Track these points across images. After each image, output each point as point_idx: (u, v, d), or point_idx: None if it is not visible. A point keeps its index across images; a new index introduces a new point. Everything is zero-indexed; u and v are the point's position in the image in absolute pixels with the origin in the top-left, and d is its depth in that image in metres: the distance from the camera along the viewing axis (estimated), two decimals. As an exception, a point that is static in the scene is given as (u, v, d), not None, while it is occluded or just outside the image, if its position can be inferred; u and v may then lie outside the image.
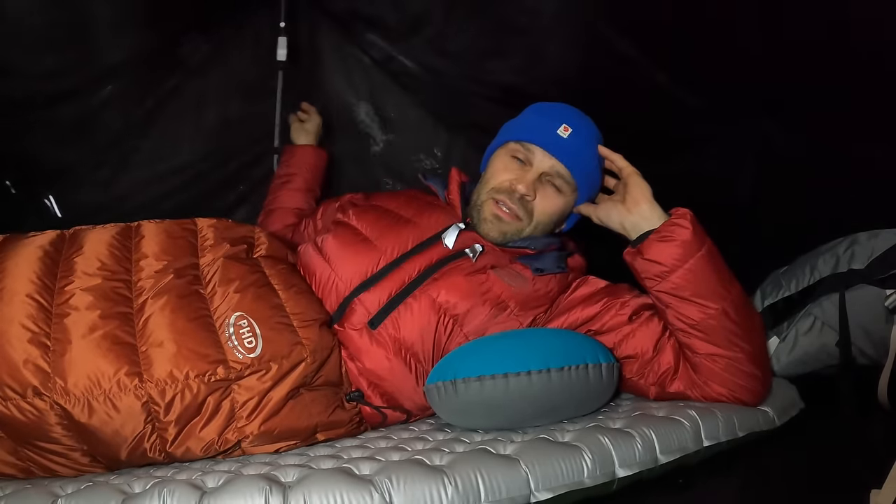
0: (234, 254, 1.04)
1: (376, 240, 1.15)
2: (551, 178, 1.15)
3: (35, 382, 0.83)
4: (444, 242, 1.14)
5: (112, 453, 0.88)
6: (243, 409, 0.91)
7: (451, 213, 1.22)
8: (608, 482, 0.84)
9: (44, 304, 0.89)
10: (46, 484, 0.80)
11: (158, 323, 0.91)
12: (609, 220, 1.11)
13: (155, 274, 0.97)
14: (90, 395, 0.84)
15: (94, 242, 0.99)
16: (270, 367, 0.93)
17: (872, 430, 1.13)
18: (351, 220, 1.21)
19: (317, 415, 0.97)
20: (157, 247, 1.01)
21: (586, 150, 1.16)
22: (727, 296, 1.01)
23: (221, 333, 0.93)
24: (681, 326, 1.03)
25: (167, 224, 1.07)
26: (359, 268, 1.12)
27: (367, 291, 1.10)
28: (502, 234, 1.16)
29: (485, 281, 1.10)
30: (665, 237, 1.01)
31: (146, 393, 0.86)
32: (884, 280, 1.22)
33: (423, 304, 1.07)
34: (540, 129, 1.17)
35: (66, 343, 0.85)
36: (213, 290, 0.98)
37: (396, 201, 1.26)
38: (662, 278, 1.02)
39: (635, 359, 1.09)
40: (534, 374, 0.92)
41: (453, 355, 1.02)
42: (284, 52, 1.71)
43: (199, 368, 0.88)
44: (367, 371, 1.06)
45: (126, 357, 0.87)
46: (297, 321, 0.99)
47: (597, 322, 1.12)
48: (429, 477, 0.74)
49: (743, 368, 1.02)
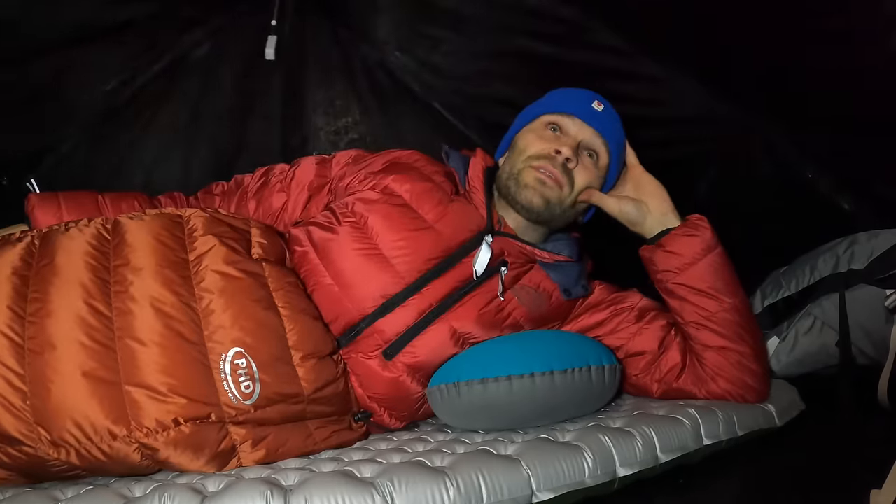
0: (232, 260, 0.93)
1: (394, 258, 1.03)
2: (589, 149, 1.12)
3: (17, 435, 0.77)
4: (475, 269, 1.05)
5: (113, 475, 0.85)
6: (244, 444, 0.85)
7: (473, 210, 1.10)
8: (609, 481, 0.84)
9: (16, 339, 0.80)
10: (46, 488, 0.79)
11: (145, 360, 0.82)
12: (631, 218, 1.11)
13: (137, 283, 0.86)
14: (78, 445, 0.79)
15: (67, 254, 0.87)
16: (267, 411, 0.86)
17: (872, 430, 1.13)
18: (360, 222, 1.07)
19: (322, 441, 0.92)
20: (140, 248, 0.90)
21: (618, 129, 1.16)
22: (738, 293, 1.06)
23: (216, 371, 0.84)
24: (695, 318, 1.05)
25: (149, 220, 0.94)
26: (374, 292, 1.03)
27: (383, 319, 1.02)
28: (545, 201, 1.08)
29: (506, 306, 1.07)
30: (689, 233, 1.06)
31: (136, 440, 0.79)
32: (884, 280, 1.22)
33: (442, 333, 1.03)
34: (575, 102, 1.14)
35: (45, 388, 0.78)
36: (209, 306, 0.87)
37: (413, 185, 1.10)
38: (681, 271, 1.05)
39: (642, 356, 1.10)
40: (537, 377, 0.92)
41: (456, 358, 1.01)
42: (272, 51, 1.64)
43: (189, 413, 0.81)
44: (378, 397, 1.03)
45: (111, 400, 0.79)
46: (298, 358, 0.90)
47: (604, 327, 1.13)
48: (430, 479, 0.74)
49: (749, 364, 1.04)
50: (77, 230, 0.92)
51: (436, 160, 1.19)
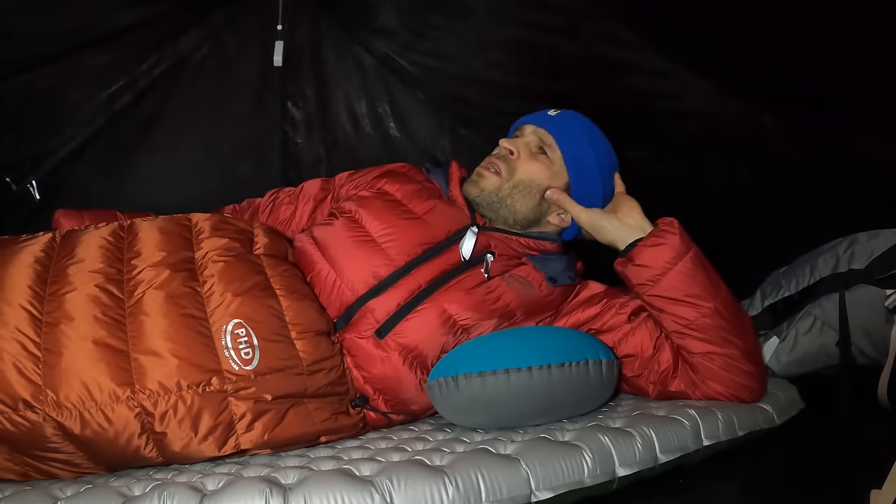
0: (233, 249, 1.01)
1: (385, 242, 1.11)
2: (542, 146, 1.18)
3: (26, 395, 0.81)
4: (462, 253, 1.12)
5: (110, 459, 0.87)
6: (242, 421, 0.88)
7: (458, 211, 1.19)
8: (608, 481, 0.84)
9: (34, 313, 0.86)
10: (46, 486, 0.79)
11: (151, 329, 0.88)
12: (601, 230, 1.12)
13: (148, 271, 0.94)
14: (82, 407, 0.82)
15: (86, 246, 0.97)
16: (267, 380, 0.90)
17: (872, 430, 1.13)
18: (356, 216, 1.16)
19: (320, 423, 0.95)
20: (151, 243, 0.98)
21: (579, 133, 1.19)
22: (717, 295, 1.03)
23: (217, 341, 0.90)
24: (675, 328, 1.04)
25: (160, 221, 1.04)
26: (366, 274, 1.09)
27: (376, 299, 1.07)
28: (479, 189, 1.17)
29: (494, 289, 1.10)
30: (654, 243, 1.05)
31: (138, 404, 0.83)
32: (884, 280, 1.22)
33: (433, 314, 1.07)
34: (532, 115, 1.24)
35: (57, 354, 0.83)
36: (211, 289, 0.95)
37: (403, 186, 1.21)
38: (654, 282, 1.04)
39: (636, 357, 1.10)
40: (535, 370, 0.92)
41: (455, 352, 1.02)
42: (280, 57, 1.66)
43: (192, 378, 0.86)
44: (373, 378, 1.05)
45: (117, 365, 0.84)
46: (296, 332, 0.95)
47: (597, 321, 1.13)
48: (429, 477, 0.74)
49: (739, 365, 1.03)
50: (95, 229, 1.02)
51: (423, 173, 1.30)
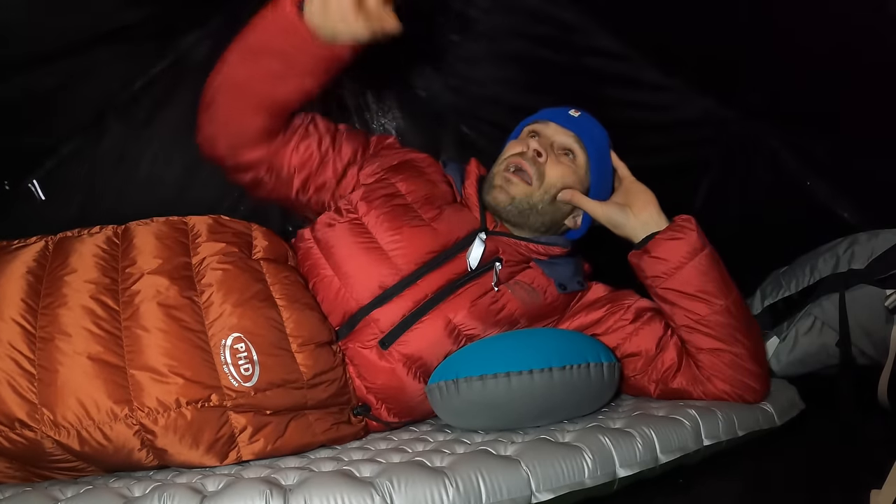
0: (231, 254, 0.98)
1: (392, 251, 1.07)
2: (565, 148, 1.16)
3: (21, 415, 0.79)
4: (469, 262, 1.08)
5: (111, 468, 0.86)
6: (243, 434, 0.87)
7: (468, 213, 1.15)
8: (609, 482, 0.84)
9: (28, 328, 0.84)
10: (46, 487, 0.79)
11: (148, 344, 0.86)
12: (616, 221, 1.12)
13: (144, 280, 0.91)
14: (80, 426, 0.80)
15: (79, 255, 0.93)
16: (267, 395, 0.88)
17: (872, 430, 1.13)
18: (362, 219, 1.10)
19: (321, 433, 0.94)
20: (146, 250, 0.95)
21: (598, 132, 1.19)
22: (729, 294, 1.05)
23: (216, 356, 0.88)
24: (686, 323, 1.05)
25: (155, 225, 1.01)
26: (372, 283, 1.05)
27: (380, 309, 1.04)
28: (510, 198, 1.12)
29: (499, 298, 1.08)
30: (672, 237, 1.06)
31: (137, 421, 0.82)
32: (884, 280, 1.22)
33: (438, 323, 1.04)
34: (554, 111, 1.21)
35: (53, 371, 0.81)
36: (210, 299, 0.92)
37: (416, 187, 1.15)
38: (669, 276, 1.05)
39: (639, 356, 1.10)
40: (535, 373, 0.92)
41: (455, 355, 1.02)
42: None
43: (191, 395, 0.84)
44: (376, 389, 1.04)
45: (114, 382, 0.82)
46: (297, 344, 0.93)
47: (601, 325, 1.13)
48: (430, 479, 0.74)
49: (745, 365, 1.04)
50: (89, 235, 0.98)
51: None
